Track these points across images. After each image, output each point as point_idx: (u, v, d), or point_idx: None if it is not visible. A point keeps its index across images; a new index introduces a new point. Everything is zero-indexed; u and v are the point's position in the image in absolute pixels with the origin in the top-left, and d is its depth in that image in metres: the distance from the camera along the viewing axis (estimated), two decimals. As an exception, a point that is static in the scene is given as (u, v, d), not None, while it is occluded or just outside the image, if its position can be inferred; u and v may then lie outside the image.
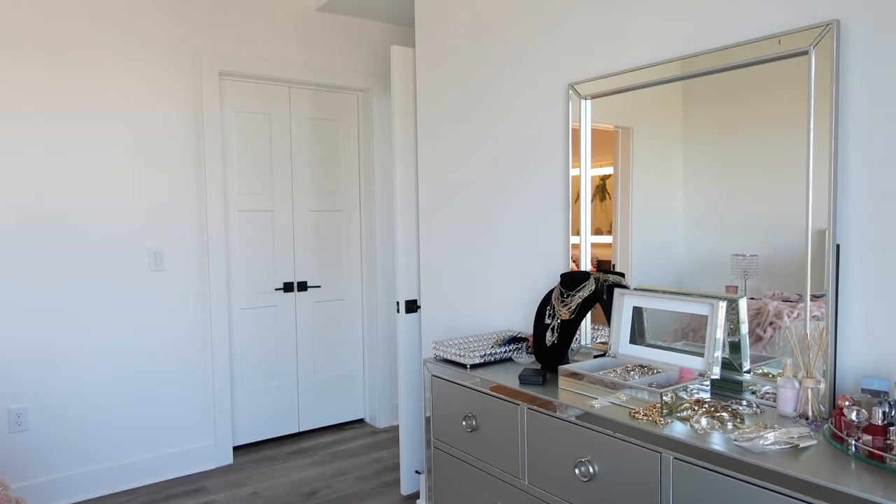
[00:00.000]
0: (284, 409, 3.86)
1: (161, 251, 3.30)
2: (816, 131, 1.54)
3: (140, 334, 3.25)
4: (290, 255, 3.85)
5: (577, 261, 2.23)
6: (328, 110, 3.95)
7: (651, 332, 1.94)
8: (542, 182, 2.35)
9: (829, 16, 1.53)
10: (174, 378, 3.36)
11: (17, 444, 2.94)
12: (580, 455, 1.60)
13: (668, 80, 1.91)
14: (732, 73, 1.75)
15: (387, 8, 3.77)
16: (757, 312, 1.73)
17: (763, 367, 1.71)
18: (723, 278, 1.81)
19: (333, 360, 4.00)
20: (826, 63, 1.51)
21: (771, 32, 1.64)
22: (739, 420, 1.45)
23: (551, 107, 2.31)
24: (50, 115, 2.98)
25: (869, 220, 1.49)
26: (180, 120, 3.34)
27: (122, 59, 3.15)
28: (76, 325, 3.07)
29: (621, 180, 2.13)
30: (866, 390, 1.37)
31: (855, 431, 1.27)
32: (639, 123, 2.10)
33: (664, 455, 1.41)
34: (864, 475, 1.18)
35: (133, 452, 3.24)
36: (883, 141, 1.47)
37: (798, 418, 1.46)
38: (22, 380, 2.95)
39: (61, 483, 3.04)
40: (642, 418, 1.50)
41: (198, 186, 3.41)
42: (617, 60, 2.07)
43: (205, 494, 3.16)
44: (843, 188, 1.52)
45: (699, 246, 1.95)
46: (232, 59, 3.48)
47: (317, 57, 3.78)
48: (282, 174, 3.79)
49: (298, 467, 3.46)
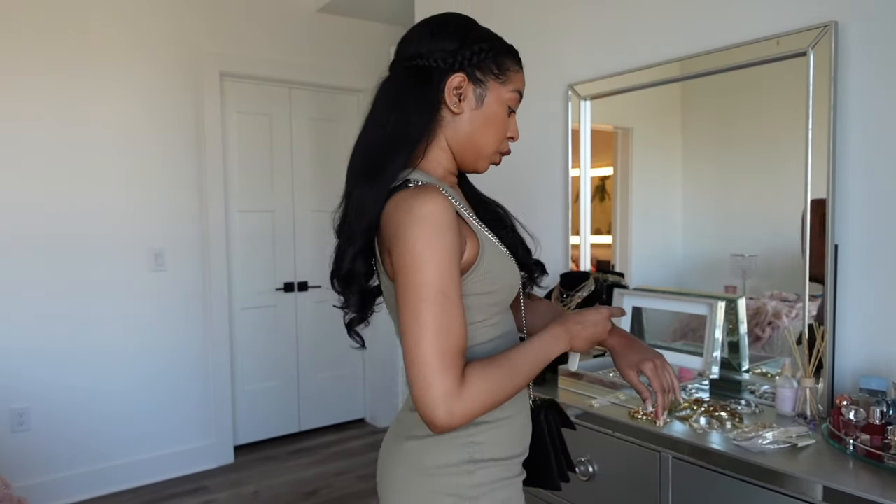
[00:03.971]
0: (285, 408, 3.86)
1: (162, 251, 3.30)
2: (815, 132, 1.54)
3: (141, 334, 3.25)
4: (291, 255, 3.85)
5: (576, 261, 2.24)
6: (328, 111, 3.96)
7: (650, 332, 1.94)
8: (541, 182, 2.35)
9: (827, 17, 1.53)
10: (175, 378, 3.36)
11: (19, 444, 2.95)
12: (579, 454, 1.61)
13: (667, 81, 1.91)
14: (731, 74, 1.75)
15: (387, 9, 3.77)
16: (756, 312, 1.74)
17: (762, 366, 1.72)
18: (722, 278, 1.82)
19: (334, 359, 4.00)
20: (824, 64, 1.52)
21: (769, 34, 1.64)
22: (738, 419, 1.46)
23: (551, 107, 2.31)
24: (50, 116, 2.99)
25: (868, 220, 1.50)
26: (181, 120, 3.35)
27: (122, 60, 3.15)
28: (78, 326, 3.08)
29: (621, 180, 2.14)
30: (864, 390, 1.37)
31: (853, 431, 1.27)
32: (638, 124, 2.11)
33: (663, 454, 1.42)
34: (862, 474, 1.18)
35: (134, 452, 3.25)
36: (881, 141, 1.47)
37: (796, 418, 1.47)
38: (24, 380, 2.95)
39: (63, 482, 3.04)
40: (642, 418, 1.50)
41: (199, 187, 3.41)
42: (616, 61, 2.07)
43: (206, 494, 3.16)
44: (841, 188, 1.53)
45: (698, 246, 1.96)
46: (233, 59, 3.48)
47: (317, 58, 3.78)
48: (282, 174, 3.80)
49: (299, 467, 3.46)
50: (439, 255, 0.86)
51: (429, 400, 0.84)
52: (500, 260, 1.00)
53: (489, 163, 1.07)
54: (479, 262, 0.95)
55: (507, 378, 0.90)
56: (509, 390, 0.91)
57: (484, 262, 0.96)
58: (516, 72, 1.05)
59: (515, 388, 0.92)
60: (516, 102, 1.06)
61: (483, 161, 1.06)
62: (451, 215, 0.89)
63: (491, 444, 0.99)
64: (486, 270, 0.96)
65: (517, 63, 1.06)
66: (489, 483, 0.98)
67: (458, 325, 0.87)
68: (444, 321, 0.86)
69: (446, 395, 0.84)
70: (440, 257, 0.86)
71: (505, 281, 1.00)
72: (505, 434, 1.01)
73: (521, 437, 1.05)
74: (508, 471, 1.02)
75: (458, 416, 0.85)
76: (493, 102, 1.02)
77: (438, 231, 0.87)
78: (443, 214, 0.88)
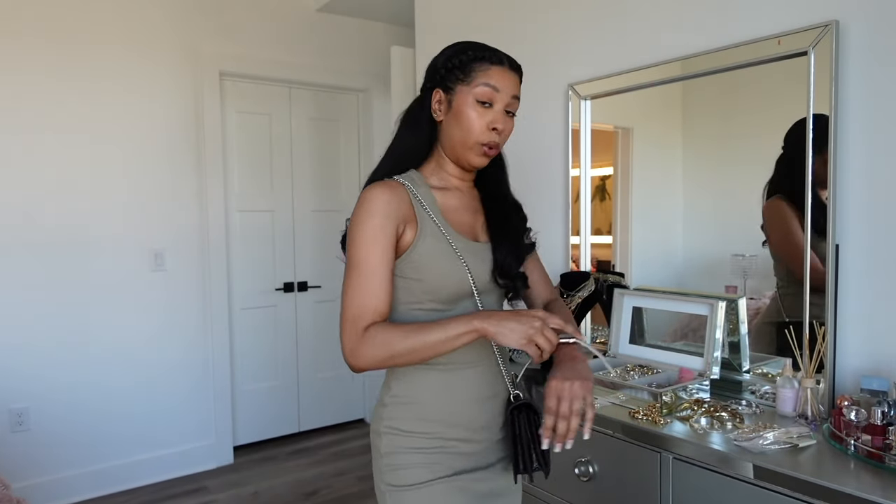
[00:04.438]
0: (285, 408, 3.86)
1: (162, 251, 3.30)
2: (815, 131, 1.54)
3: (141, 334, 3.25)
4: (291, 255, 3.85)
5: (576, 261, 2.23)
6: (328, 110, 3.95)
7: (651, 332, 1.94)
8: (541, 182, 2.35)
9: (828, 16, 1.53)
10: (175, 378, 3.36)
11: (18, 444, 2.95)
12: (580, 455, 1.60)
13: (667, 81, 1.91)
14: (732, 74, 1.75)
15: (387, 8, 3.77)
16: (756, 312, 1.74)
17: (762, 367, 1.71)
18: (722, 278, 1.81)
19: (334, 359, 3.99)
20: (825, 63, 1.51)
21: (770, 33, 1.64)
22: (739, 420, 1.46)
23: (551, 107, 2.31)
24: (50, 116, 2.98)
25: (868, 220, 1.50)
26: (181, 120, 3.34)
27: (122, 60, 3.15)
28: (77, 325, 3.07)
29: (621, 180, 2.14)
30: (865, 390, 1.37)
31: (854, 431, 1.27)
32: (638, 124, 2.10)
33: (664, 455, 1.42)
34: (863, 475, 1.18)
35: (134, 452, 3.24)
36: (882, 141, 1.47)
37: (797, 418, 1.46)
38: (23, 380, 2.95)
39: (62, 483, 3.04)
40: (642, 418, 1.50)
41: (198, 187, 3.41)
42: (617, 61, 2.07)
43: (205, 494, 3.16)
44: (842, 188, 1.52)
45: (699, 246, 1.95)
46: (232, 59, 3.48)
47: (317, 57, 3.78)
48: (282, 174, 3.80)
49: (299, 467, 3.46)
50: (364, 232, 1.11)
51: (342, 348, 1.11)
52: (439, 255, 1.15)
53: (477, 155, 1.19)
54: (411, 250, 1.14)
55: (405, 341, 1.07)
56: (406, 353, 1.08)
57: (416, 251, 1.15)
58: (486, 70, 1.17)
59: (415, 354, 1.08)
60: (489, 95, 1.16)
61: (469, 154, 1.19)
62: (383, 203, 1.13)
63: (395, 418, 1.20)
64: (416, 259, 1.15)
65: (489, 61, 1.17)
66: (393, 448, 1.19)
67: (372, 291, 1.10)
68: (360, 286, 1.10)
69: (351, 348, 1.09)
70: (365, 234, 1.11)
71: (436, 273, 1.15)
72: (411, 411, 1.19)
73: (441, 419, 1.19)
74: (415, 443, 1.18)
75: (359, 364, 1.09)
76: (461, 102, 1.17)
77: (368, 214, 1.12)
78: (374, 201, 1.13)
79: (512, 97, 1.18)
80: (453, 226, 1.21)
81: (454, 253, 1.17)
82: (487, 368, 1.24)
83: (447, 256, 1.16)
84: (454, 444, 1.20)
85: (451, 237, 1.18)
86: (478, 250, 1.21)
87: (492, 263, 1.21)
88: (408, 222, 1.15)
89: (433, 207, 1.19)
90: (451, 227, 1.20)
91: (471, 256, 1.19)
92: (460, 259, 1.17)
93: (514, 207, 1.31)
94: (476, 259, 1.19)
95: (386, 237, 1.12)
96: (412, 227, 1.15)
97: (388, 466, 1.21)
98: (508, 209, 1.29)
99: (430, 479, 1.17)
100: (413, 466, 1.18)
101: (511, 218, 1.28)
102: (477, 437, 1.22)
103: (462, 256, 1.17)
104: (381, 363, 1.10)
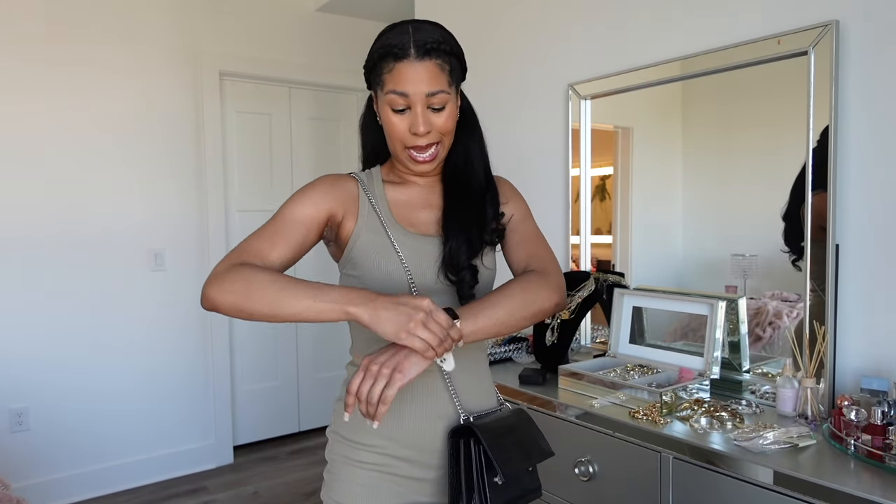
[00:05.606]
0: (285, 408, 3.86)
1: (162, 251, 3.30)
2: (815, 131, 1.54)
3: (140, 334, 3.25)
4: (291, 254, 3.84)
5: (576, 261, 2.23)
6: (328, 110, 3.95)
7: (651, 332, 1.94)
8: (541, 182, 2.35)
9: (828, 16, 1.53)
10: (175, 377, 3.36)
11: (18, 444, 2.95)
12: (580, 455, 1.60)
13: (667, 81, 1.91)
14: (732, 74, 1.75)
15: (387, 8, 3.77)
16: (756, 312, 1.73)
17: (762, 366, 1.71)
18: (722, 278, 1.81)
19: (334, 359, 3.99)
20: (825, 63, 1.51)
21: (770, 33, 1.64)
22: (739, 420, 1.45)
23: (551, 107, 2.31)
24: (49, 116, 2.98)
25: (869, 220, 1.49)
26: (181, 120, 3.34)
27: (121, 60, 3.15)
28: (77, 325, 3.07)
29: (621, 180, 2.14)
30: (865, 390, 1.37)
31: (854, 431, 1.27)
32: (638, 124, 2.10)
33: (664, 455, 1.42)
34: (864, 475, 1.18)
35: (134, 452, 3.24)
36: (881, 141, 1.47)
37: (797, 418, 1.46)
38: (23, 379, 2.95)
39: (62, 482, 3.04)
40: (642, 418, 1.50)
41: (198, 186, 3.41)
42: (617, 61, 2.07)
43: (205, 494, 3.16)
44: (842, 188, 1.52)
45: (699, 246, 1.95)
46: (232, 59, 3.48)
47: (317, 57, 3.78)
48: (282, 174, 3.80)
49: (299, 467, 3.46)
50: (294, 198, 1.10)
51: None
52: (375, 250, 1.11)
53: (408, 161, 1.12)
54: (350, 245, 1.12)
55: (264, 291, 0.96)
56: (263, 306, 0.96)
57: (355, 247, 1.12)
58: (391, 70, 1.05)
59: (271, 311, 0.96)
60: (400, 102, 1.06)
61: (402, 159, 1.13)
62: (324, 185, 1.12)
63: (339, 421, 1.15)
64: (355, 256, 1.12)
65: (394, 57, 1.04)
66: (333, 454, 1.15)
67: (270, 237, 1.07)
68: (263, 230, 1.08)
69: (210, 279, 0.99)
70: (294, 198, 1.10)
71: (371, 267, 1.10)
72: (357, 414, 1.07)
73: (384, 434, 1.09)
74: (354, 452, 1.11)
75: (209, 297, 0.98)
76: (381, 109, 1.10)
77: (306, 191, 1.11)
78: (315, 184, 1.13)
79: (427, 95, 1.04)
80: (400, 220, 1.14)
81: (391, 247, 1.10)
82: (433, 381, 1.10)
83: (383, 250, 1.10)
84: (404, 466, 1.09)
85: (393, 231, 1.11)
86: (423, 245, 1.12)
87: (440, 259, 1.11)
88: (347, 212, 1.12)
89: (381, 202, 1.15)
90: (395, 221, 1.13)
91: (412, 252, 1.10)
92: (398, 254, 1.10)
93: (478, 195, 1.17)
94: (419, 254, 1.11)
95: (314, 207, 1.09)
96: (351, 218, 1.12)
97: (328, 474, 1.14)
98: (468, 198, 1.16)
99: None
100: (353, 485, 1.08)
101: (470, 206, 1.15)
102: (432, 461, 1.10)
103: (400, 251, 1.10)
104: (231, 306, 0.96)
